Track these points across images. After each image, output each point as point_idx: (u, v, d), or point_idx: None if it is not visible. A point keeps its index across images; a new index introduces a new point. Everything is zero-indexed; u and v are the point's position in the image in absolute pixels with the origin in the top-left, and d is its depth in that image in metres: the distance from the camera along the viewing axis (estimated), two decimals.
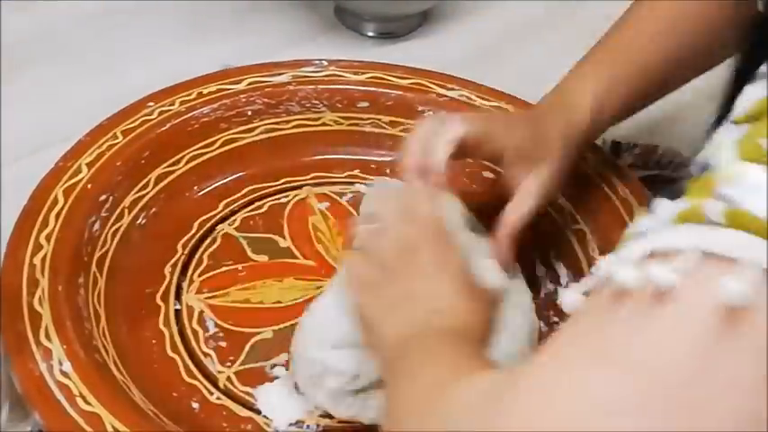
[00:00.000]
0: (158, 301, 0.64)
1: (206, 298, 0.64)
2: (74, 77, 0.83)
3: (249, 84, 0.75)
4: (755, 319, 0.30)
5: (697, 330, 0.31)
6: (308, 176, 0.75)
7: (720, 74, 0.61)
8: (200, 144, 0.72)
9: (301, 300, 0.65)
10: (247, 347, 0.61)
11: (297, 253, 0.69)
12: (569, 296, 0.36)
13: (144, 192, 0.68)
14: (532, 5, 0.99)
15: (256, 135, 0.74)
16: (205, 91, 0.73)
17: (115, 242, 0.65)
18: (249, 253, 0.68)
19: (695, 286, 0.31)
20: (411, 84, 0.76)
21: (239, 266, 0.67)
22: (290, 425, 0.57)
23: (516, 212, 0.60)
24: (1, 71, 0.80)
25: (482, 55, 0.88)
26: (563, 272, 0.68)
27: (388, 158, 0.74)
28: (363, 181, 0.75)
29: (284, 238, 0.70)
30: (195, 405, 0.58)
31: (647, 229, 0.34)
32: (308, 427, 0.57)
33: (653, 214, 0.34)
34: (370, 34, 0.92)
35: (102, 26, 0.90)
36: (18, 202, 0.62)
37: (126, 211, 0.66)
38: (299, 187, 0.74)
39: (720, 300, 0.30)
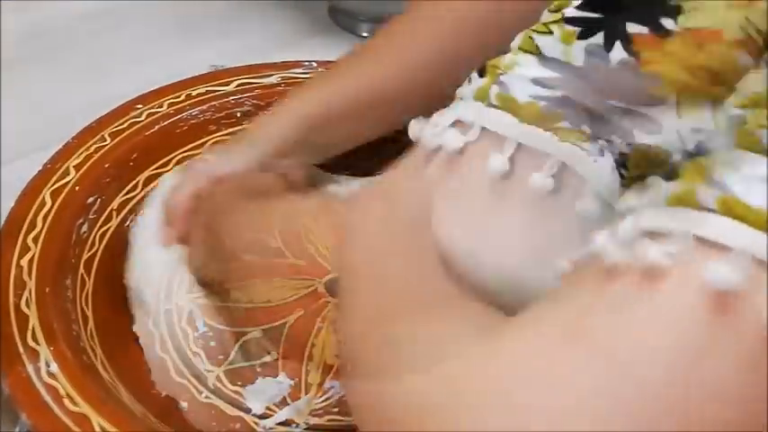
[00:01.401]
0: None
1: (195, 298, 0.64)
2: (73, 78, 0.83)
3: (238, 85, 0.75)
4: (745, 311, 0.29)
5: (683, 318, 0.30)
6: None
7: None
8: (189, 146, 0.72)
9: (291, 299, 0.65)
10: (236, 347, 0.61)
11: (287, 253, 0.68)
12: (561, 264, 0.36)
13: (132, 194, 0.68)
14: None
15: None
16: (194, 93, 0.73)
17: (103, 244, 0.65)
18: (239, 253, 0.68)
19: (685, 269, 0.30)
20: None
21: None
22: (278, 424, 0.57)
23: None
24: (1, 71, 0.80)
25: None
26: None
27: (377, 158, 0.74)
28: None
29: (274, 237, 0.69)
30: (184, 404, 0.58)
31: (639, 207, 0.34)
32: (296, 426, 0.57)
33: (645, 191, 0.34)
34: (365, 35, 0.92)
35: (104, 27, 0.91)
36: None
37: (114, 213, 0.66)
38: None
39: (709, 285, 0.29)
